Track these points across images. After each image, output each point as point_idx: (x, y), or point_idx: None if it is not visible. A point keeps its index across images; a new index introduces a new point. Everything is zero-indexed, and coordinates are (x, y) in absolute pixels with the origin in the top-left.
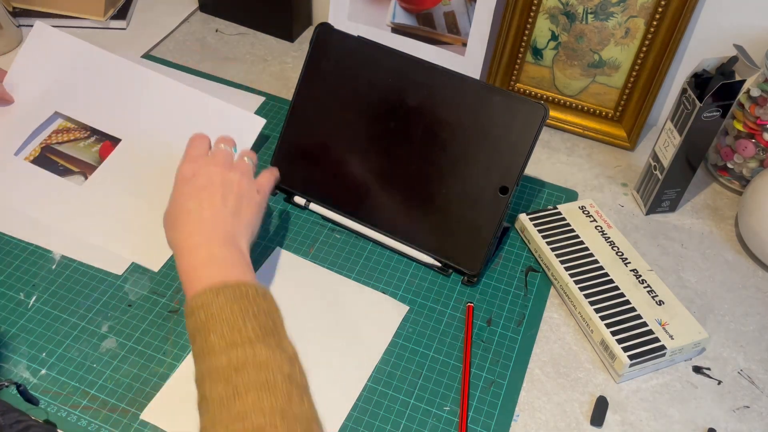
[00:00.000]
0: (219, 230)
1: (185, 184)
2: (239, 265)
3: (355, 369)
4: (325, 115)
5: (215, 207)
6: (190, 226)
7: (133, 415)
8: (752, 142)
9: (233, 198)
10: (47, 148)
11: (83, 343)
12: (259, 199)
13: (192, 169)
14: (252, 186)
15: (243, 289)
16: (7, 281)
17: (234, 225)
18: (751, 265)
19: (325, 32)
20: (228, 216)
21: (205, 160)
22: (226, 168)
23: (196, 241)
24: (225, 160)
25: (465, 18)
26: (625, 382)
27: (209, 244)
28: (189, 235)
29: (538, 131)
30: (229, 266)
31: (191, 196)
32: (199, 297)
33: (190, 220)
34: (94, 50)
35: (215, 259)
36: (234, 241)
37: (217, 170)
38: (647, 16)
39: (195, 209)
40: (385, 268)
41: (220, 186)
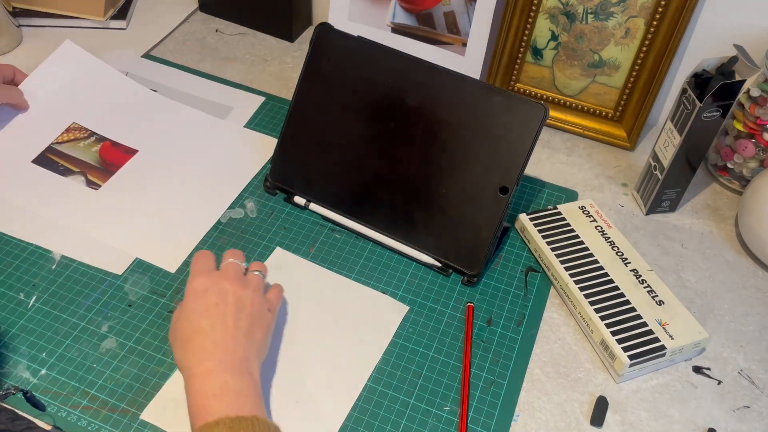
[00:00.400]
0: (232, 355)
1: (197, 300)
2: (252, 397)
3: (355, 369)
4: (325, 115)
5: (228, 329)
6: (202, 349)
7: (133, 415)
8: (752, 142)
9: (246, 318)
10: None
11: (83, 343)
12: (269, 318)
13: (203, 285)
14: (264, 304)
15: (257, 426)
16: (7, 281)
17: (247, 348)
18: (751, 265)
19: (325, 32)
20: (241, 338)
21: (217, 275)
22: (239, 285)
23: (209, 366)
24: (236, 275)
25: (465, 18)
26: (625, 382)
27: (222, 371)
28: (201, 360)
29: (538, 131)
30: (243, 398)
31: (203, 315)
32: (210, 429)
33: (202, 342)
34: (117, 75)
35: (228, 389)
36: (247, 367)
37: (231, 287)
38: (647, 16)
39: (208, 329)
40: (385, 268)
41: (234, 304)
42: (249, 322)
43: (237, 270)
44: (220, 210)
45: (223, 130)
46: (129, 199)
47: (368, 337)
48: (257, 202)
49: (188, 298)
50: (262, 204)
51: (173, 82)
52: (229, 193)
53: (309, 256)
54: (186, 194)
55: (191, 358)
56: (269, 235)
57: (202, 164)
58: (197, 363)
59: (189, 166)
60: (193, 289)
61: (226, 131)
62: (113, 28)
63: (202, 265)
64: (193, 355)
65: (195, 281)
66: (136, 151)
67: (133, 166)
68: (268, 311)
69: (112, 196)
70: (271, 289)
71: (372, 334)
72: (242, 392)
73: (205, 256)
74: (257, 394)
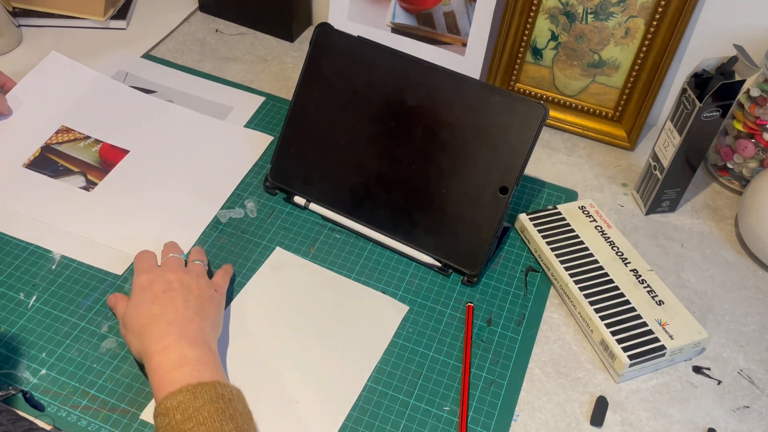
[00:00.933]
0: (187, 330)
1: (144, 292)
2: (212, 365)
3: (355, 369)
4: (325, 115)
5: (178, 310)
6: (158, 330)
7: (133, 415)
8: (752, 142)
9: (194, 299)
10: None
11: (83, 343)
12: (218, 297)
13: (148, 278)
14: (210, 285)
15: (219, 390)
16: (7, 281)
17: (201, 324)
18: (751, 265)
19: (325, 32)
20: (193, 315)
21: (158, 269)
22: (182, 272)
23: (167, 342)
24: (177, 265)
25: (465, 18)
26: (625, 382)
27: (180, 344)
28: (159, 339)
29: (538, 131)
30: (202, 365)
31: (153, 302)
32: (174, 397)
33: (157, 324)
34: (107, 80)
35: (188, 359)
36: (204, 339)
37: (173, 276)
38: (647, 16)
39: (160, 313)
40: (385, 268)
41: (180, 290)
42: (198, 302)
43: (177, 261)
44: (217, 208)
45: (220, 130)
46: (125, 199)
47: (368, 337)
48: (257, 202)
49: (135, 293)
50: (262, 204)
51: (173, 82)
52: (227, 191)
53: (309, 256)
54: (184, 193)
55: (148, 340)
56: (269, 235)
57: (199, 164)
58: (155, 342)
59: (185, 166)
60: (139, 284)
61: (223, 131)
62: (113, 28)
63: (143, 263)
64: (149, 337)
65: (139, 277)
66: (128, 152)
67: (125, 166)
68: (215, 292)
69: (107, 197)
70: (217, 273)
71: (372, 334)
72: (201, 360)
73: (145, 255)
74: (216, 362)
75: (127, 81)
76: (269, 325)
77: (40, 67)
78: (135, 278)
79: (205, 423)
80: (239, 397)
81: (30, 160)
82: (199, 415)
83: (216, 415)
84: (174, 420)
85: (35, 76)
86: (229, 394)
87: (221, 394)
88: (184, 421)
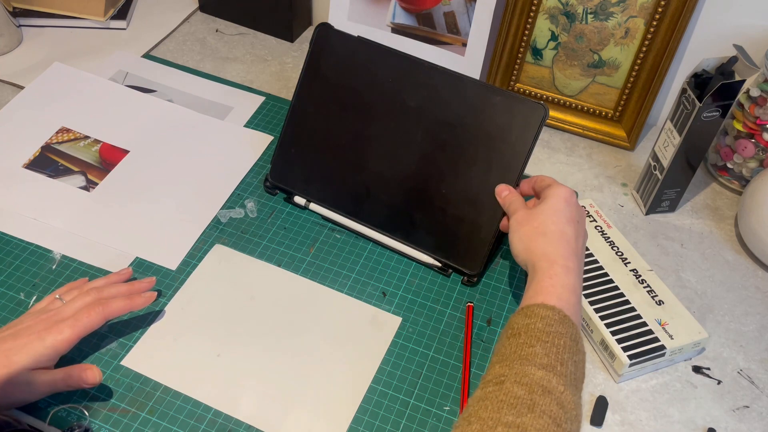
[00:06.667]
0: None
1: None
2: (580, 321)
3: (349, 389)
4: (325, 115)
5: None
6: (564, 248)
7: (133, 415)
8: (752, 142)
9: (13, 332)
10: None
11: (83, 343)
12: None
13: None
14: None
15: (577, 333)
16: (7, 281)
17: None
18: (750, 265)
19: (325, 32)
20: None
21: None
22: (48, 313)
23: (574, 268)
24: (54, 307)
25: (465, 18)
26: (625, 382)
27: (577, 278)
28: (567, 258)
29: (538, 131)
30: (579, 317)
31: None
32: (555, 311)
33: (563, 241)
34: (108, 83)
35: (579, 303)
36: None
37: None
38: (647, 16)
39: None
40: (385, 268)
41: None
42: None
43: (60, 303)
44: (217, 208)
45: (220, 130)
46: (125, 199)
47: (362, 352)
48: (257, 202)
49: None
50: (262, 204)
51: (173, 82)
52: (227, 191)
53: (306, 260)
54: (184, 193)
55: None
56: (269, 235)
57: (199, 164)
58: (562, 256)
59: (185, 166)
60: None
61: (223, 131)
62: (113, 28)
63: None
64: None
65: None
66: (128, 152)
67: (125, 166)
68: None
69: (107, 197)
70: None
71: (366, 348)
72: (580, 307)
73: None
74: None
75: (127, 81)
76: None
77: (42, 77)
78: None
79: (557, 347)
80: (584, 357)
81: (30, 159)
82: (556, 339)
83: (567, 349)
84: (534, 326)
85: (38, 84)
86: (581, 344)
87: (576, 338)
88: (542, 331)
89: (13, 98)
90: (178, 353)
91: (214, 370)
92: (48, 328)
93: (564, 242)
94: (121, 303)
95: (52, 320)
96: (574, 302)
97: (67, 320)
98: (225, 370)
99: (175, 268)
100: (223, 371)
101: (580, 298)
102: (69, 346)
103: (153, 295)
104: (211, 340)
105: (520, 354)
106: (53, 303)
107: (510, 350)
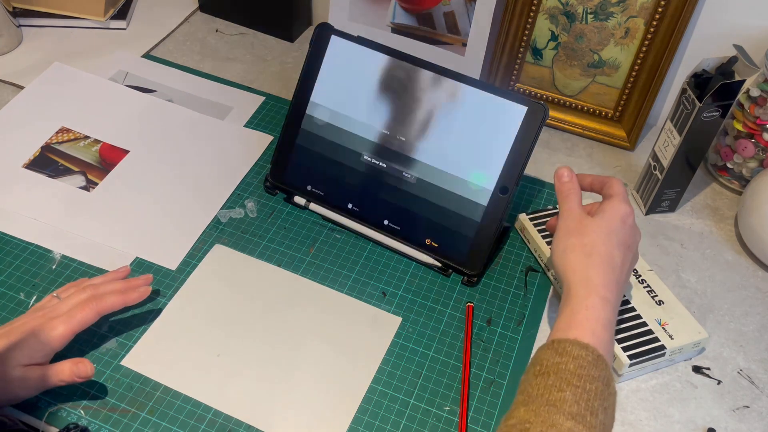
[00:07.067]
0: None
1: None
2: (612, 355)
3: (348, 391)
4: (325, 115)
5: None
6: (607, 275)
7: (133, 415)
8: (752, 142)
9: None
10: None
11: (83, 343)
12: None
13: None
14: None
15: (610, 375)
16: (7, 281)
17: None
18: (751, 265)
19: (325, 32)
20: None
21: (55, 298)
22: (43, 310)
23: (612, 300)
24: (52, 304)
25: (465, 18)
26: (625, 382)
27: (613, 311)
28: (607, 288)
29: (538, 131)
30: (612, 353)
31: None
32: (589, 350)
33: (608, 267)
34: (108, 83)
35: (613, 339)
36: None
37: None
38: (647, 16)
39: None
40: (385, 268)
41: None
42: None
43: (56, 300)
44: (217, 208)
45: (220, 130)
46: (125, 199)
47: (363, 352)
48: (257, 202)
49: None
50: (262, 204)
51: (173, 82)
52: (227, 191)
53: (306, 260)
54: (184, 193)
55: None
56: (269, 235)
57: (199, 164)
58: (602, 285)
59: (185, 166)
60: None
61: (223, 131)
62: (113, 28)
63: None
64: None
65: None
66: (128, 152)
67: (125, 166)
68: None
69: (107, 197)
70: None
71: (366, 348)
72: (613, 341)
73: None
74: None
75: (127, 81)
76: (261, 339)
77: (42, 76)
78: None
79: (587, 394)
80: (615, 399)
81: (30, 159)
82: (588, 384)
83: (597, 397)
84: (568, 368)
85: (38, 84)
86: (613, 391)
87: (608, 383)
88: (573, 374)
89: (13, 98)
90: (178, 353)
91: (214, 370)
92: (41, 325)
93: (609, 268)
94: (114, 298)
95: (46, 317)
96: (608, 339)
97: (61, 316)
98: (225, 370)
99: (175, 268)
100: (223, 371)
101: (613, 333)
102: (63, 341)
103: (147, 291)
104: (211, 340)
105: (548, 399)
106: (50, 301)
107: (537, 392)
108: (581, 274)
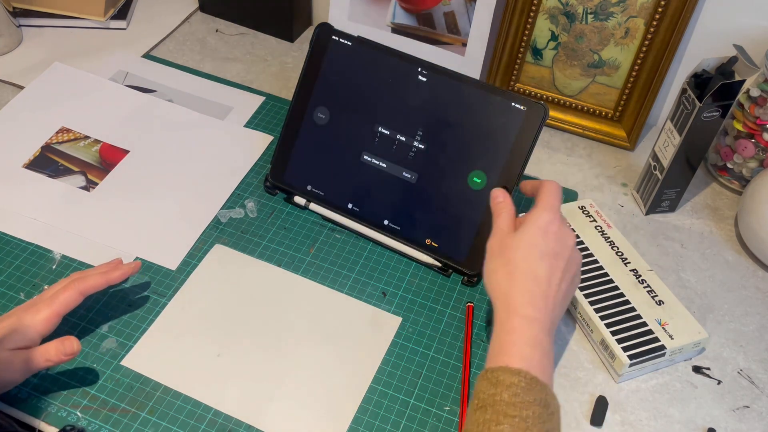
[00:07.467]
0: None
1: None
2: (551, 368)
3: (349, 390)
4: (326, 115)
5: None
6: (529, 292)
7: (133, 415)
8: (752, 142)
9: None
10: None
11: (83, 343)
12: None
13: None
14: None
15: (548, 395)
16: (7, 281)
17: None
18: (751, 265)
19: (325, 32)
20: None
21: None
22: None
23: (538, 316)
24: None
25: (465, 18)
26: (625, 382)
27: (551, 329)
28: (525, 304)
29: (538, 131)
30: (549, 367)
31: None
32: (521, 375)
33: (530, 283)
34: (108, 83)
35: (547, 353)
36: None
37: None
38: (647, 16)
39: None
40: (385, 268)
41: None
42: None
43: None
44: (217, 208)
45: (220, 130)
46: (125, 199)
47: (363, 352)
48: (257, 202)
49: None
50: (262, 204)
51: (173, 82)
52: (227, 191)
53: (306, 260)
54: (184, 193)
55: (526, 298)
56: (269, 235)
57: (199, 164)
58: (523, 305)
59: (185, 166)
60: None
61: (223, 131)
62: (113, 28)
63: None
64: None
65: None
66: (128, 152)
67: (125, 166)
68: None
69: (107, 197)
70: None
71: (366, 348)
72: (549, 355)
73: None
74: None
75: (127, 81)
76: (261, 339)
77: (43, 76)
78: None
79: (526, 422)
80: (558, 414)
81: (30, 159)
82: (524, 411)
83: (537, 421)
84: (503, 400)
85: (38, 84)
86: (557, 414)
87: (550, 408)
88: (509, 404)
89: (13, 98)
90: (178, 353)
91: (214, 370)
92: (25, 309)
93: (532, 284)
94: (97, 277)
95: (31, 302)
96: (539, 358)
97: (45, 300)
98: (225, 370)
99: (175, 268)
100: (223, 371)
101: (549, 347)
102: (47, 324)
103: (130, 269)
104: (211, 340)
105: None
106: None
107: (477, 429)
108: (502, 293)
